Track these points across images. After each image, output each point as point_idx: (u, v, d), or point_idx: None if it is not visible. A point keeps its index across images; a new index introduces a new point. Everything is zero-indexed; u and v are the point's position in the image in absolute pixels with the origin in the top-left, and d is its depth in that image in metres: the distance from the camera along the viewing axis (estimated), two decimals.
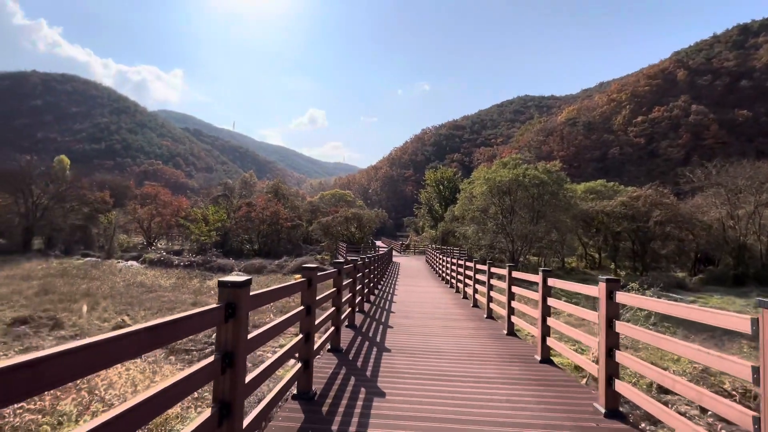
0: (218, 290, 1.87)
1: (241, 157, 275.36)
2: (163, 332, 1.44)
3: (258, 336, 2.22)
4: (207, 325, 2.72)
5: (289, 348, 2.94)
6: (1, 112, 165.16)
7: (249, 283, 1.96)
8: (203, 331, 10.29)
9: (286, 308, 16.35)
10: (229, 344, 1.83)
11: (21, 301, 17.22)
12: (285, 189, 51.07)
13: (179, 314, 1.98)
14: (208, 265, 27.74)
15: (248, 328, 1.97)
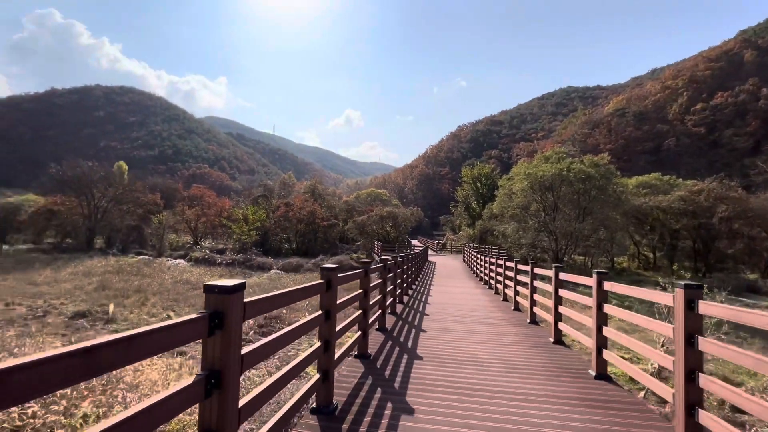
0: (204, 296, 1.61)
1: (280, 159, 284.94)
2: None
3: (258, 349, 1.94)
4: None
5: (305, 358, 2.65)
6: (70, 123, 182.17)
7: (242, 288, 1.66)
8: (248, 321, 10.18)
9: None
10: (216, 361, 1.55)
11: (81, 296, 18.57)
12: (321, 189, 51.91)
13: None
14: (248, 264, 28.64)
15: (241, 341, 1.67)
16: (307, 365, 2.59)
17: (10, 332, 12.98)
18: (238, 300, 1.60)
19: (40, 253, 31.80)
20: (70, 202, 35.98)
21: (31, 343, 8.66)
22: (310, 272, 27.26)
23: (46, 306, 16.59)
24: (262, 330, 13.77)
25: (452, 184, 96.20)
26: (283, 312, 14.98)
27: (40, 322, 14.08)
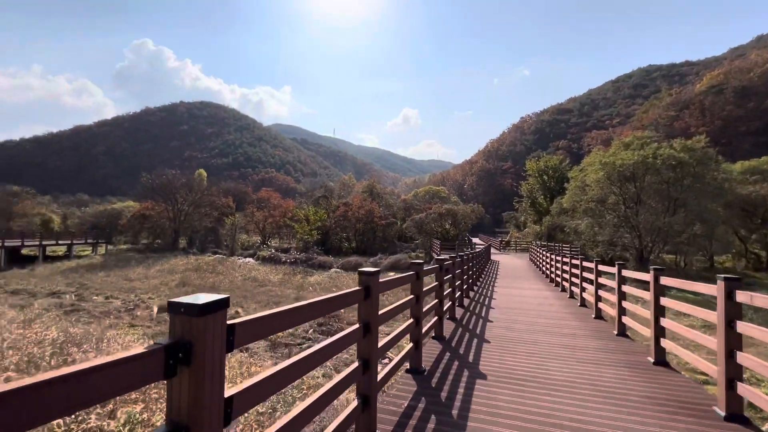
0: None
1: (341, 161, 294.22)
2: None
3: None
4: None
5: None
6: (161, 137, 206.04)
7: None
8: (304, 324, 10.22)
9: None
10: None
11: (165, 291, 20.40)
12: (379, 188, 52.15)
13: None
14: (309, 262, 29.53)
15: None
16: (341, 391, 2.11)
17: (106, 322, 14.55)
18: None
19: (136, 252, 35.96)
20: (159, 207, 40.18)
21: (114, 334, 9.41)
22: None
23: (137, 300, 18.45)
24: (321, 329, 13.85)
25: (515, 179, 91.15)
26: (341, 311, 14.98)
27: (131, 315, 15.61)
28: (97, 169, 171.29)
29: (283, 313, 1.56)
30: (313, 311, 1.82)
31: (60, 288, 20.73)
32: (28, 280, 23.21)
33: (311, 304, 1.77)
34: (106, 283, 22.58)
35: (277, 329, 1.64)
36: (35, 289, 20.41)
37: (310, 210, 38.28)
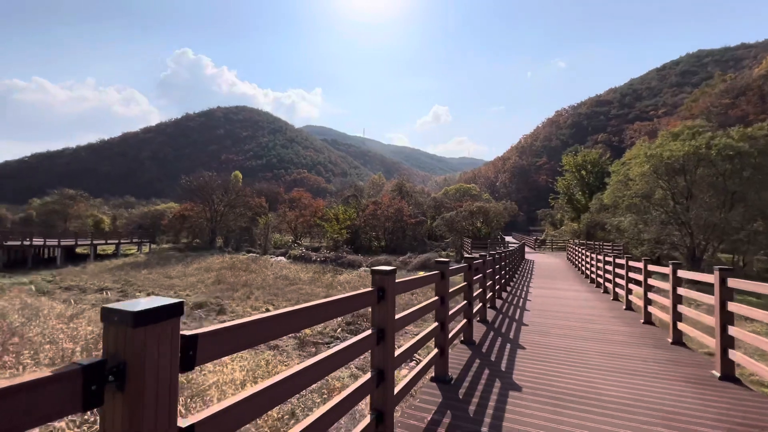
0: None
1: (370, 160, 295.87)
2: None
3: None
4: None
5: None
6: (199, 141, 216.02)
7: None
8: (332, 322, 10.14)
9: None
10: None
11: (202, 289, 21.11)
12: (409, 187, 51.73)
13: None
14: (339, 261, 29.67)
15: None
16: (350, 406, 1.83)
17: None
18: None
19: (176, 251, 37.70)
20: (197, 208, 41.92)
21: None
22: (398, 269, 27.07)
23: (175, 296, 19.22)
24: (350, 327, 13.72)
25: (550, 175, 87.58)
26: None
27: None
28: (143, 173, 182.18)
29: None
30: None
31: (107, 284, 22.00)
32: (80, 276, 24.82)
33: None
34: (148, 280, 23.73)
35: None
36: (86, 285, 21.76)
37: (340, 209, 38.53)
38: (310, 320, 1.61)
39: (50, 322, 7.14)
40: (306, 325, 1.57)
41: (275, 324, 1.37)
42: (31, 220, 53.32)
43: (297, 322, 1.50)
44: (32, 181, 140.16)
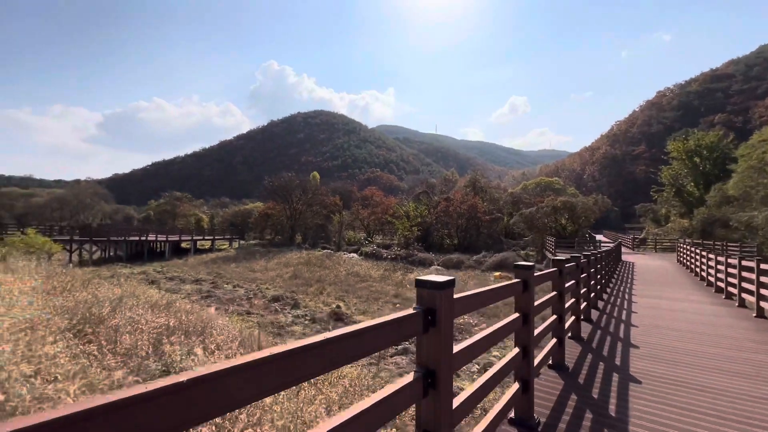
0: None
1: (443, 157, 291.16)
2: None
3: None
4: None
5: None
6: (282, 146, 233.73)
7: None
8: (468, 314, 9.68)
9: (486, 313, 14.62)
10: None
11: (280, 283, 22.27)
12: (483, 182, 49.25)
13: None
14: (410, 259, 29.18)
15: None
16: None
17: (230, 308, 16.33)
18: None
19: (261, 246, 40.82)
20: (279, 207, 44.98)
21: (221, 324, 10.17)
22: (471, 269, 25.64)
23: (256, 289, 20.48)
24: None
25: (651, 164, 76.71)
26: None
27: (249, 303, 17.29)
28: (236, 176, 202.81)
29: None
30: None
31: (202, 276, 24.42)
32: (182, 268, 28.02)
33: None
34: (235, 273, 25.83)
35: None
36: (185, 276, 24.41)
37: (411, 206, 38.04)
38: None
39: (138, 311, 7.65)
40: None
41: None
42: (150, 218, 62.41)
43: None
44: (151, 186, 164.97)
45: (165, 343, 4.80)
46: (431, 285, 1.42)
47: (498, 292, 2.05)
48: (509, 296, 2.30)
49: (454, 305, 1.53)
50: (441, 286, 1.41)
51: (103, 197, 75.77)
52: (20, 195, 67.33)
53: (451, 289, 1.46)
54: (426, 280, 1.44)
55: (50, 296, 7.62)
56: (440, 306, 1.40)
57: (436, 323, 1.41)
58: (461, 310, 1.65)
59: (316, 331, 12.88)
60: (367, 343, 1.14)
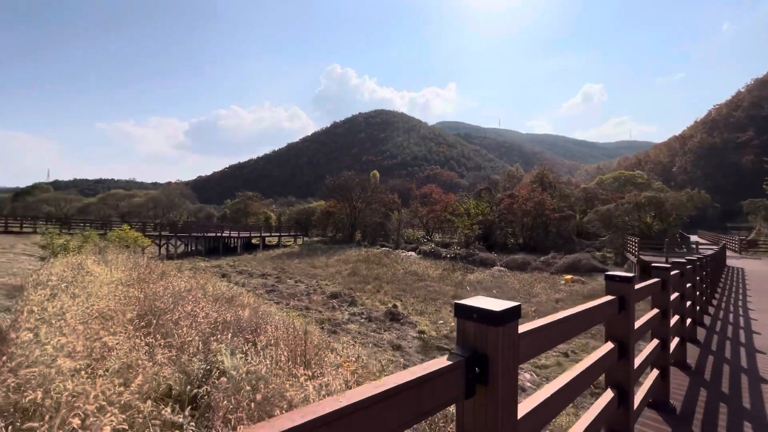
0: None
1: (507, 152, 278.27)
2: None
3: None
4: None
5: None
6: (344, 146, 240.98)
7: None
8: None
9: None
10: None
11: (338, 279, 22.61)
12: (552, 177, 45.67)
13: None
14: (471, 259, 27.93)
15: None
16: None
17: (291, 303, 16.84)
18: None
19: (322, 243, 42.19)
20: (339, 205, 46.13)
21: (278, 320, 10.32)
22: (538, 271, 23.76)
23: (316, 285, 20.99)
24: None
25: (762, 153, 65.20)
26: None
27: (308, 298, 17.70)
28: (301, 176, 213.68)
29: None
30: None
31: (268, 270, 25.73)
32: (251, 263, 29.87)
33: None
34: (298, 269, 26.84)
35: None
36: (253, 270, 25.92)
37: (471, 203, 36.50)
38: None
39: (201, 304, 7.93)
40: None
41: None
42: (226, 216, 67.97)
43: None
44: (228, 186, 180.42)
45: (213, 340, 4.74)
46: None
47: (587, 316, 1.41)
48: (600, 321, 1.63)
49: (518, 348, 0.97)
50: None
51: (188, 197, 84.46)
52: (124, 196, 77.60)
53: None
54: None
55: (127, 287, 8.26)
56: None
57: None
58: (530, 352, 1.07)
59: (371, 331, 12.67)
60: None
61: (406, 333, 12.60)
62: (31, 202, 67.53)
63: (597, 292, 17.62)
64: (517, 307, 0.95)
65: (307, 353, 5.85)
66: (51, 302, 5.08)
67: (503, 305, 0.94)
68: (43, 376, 2.85)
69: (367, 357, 8.83)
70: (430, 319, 14.13)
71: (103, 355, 3.88)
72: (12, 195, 79.05)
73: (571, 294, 17.62)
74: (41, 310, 4.37)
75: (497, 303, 0.95)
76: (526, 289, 18.96)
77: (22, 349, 3.22)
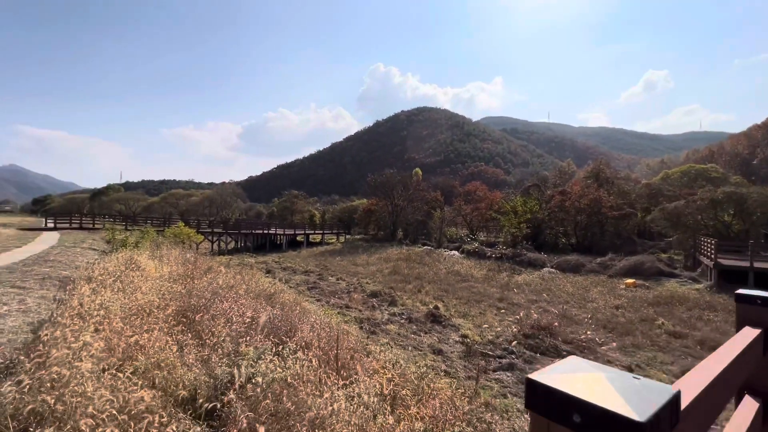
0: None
1: (557, 147, 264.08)
2: None
3: None
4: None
5: None
6: (387, 144, 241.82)
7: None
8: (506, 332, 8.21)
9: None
10: None
11: (379, 278, 22.35)
12: (609, 173, 42.28)
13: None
14: (518, 259, 26.48)
15: None
16: None
17: (331, 301, 16.81)
18: None
19: (364, 241, 42.36)
20: (381, 203, 46.09)
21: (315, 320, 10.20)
22: (594, 274, 21.93)
23: (356, 283, 20.88)
24: (528, 342, 11.34)
25: None
26: (555, 325, 11.93)
27: (349, 296, 17.60)
28: (345, 175, 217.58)
29: None
30: None
31: (310, 267, 26.14)
32: (295, 260, 30.59)
33: None
34: (340, 266, 27.01)
35: None
36: (296, 267, 26.46)
37: (518, 201, 34.71)
38: None
39: (242, 301, 7.93)
40: None
41: None
42: (273, 214, 70.74)
43: None
44: (276, 186, 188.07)
45: (242, 342, 4.56)
46: None
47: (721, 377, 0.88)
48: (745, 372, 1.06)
49: None
50: None
51: (239, 196, 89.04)
52: (183, 195, 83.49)
53: None
54: None
55: (172, 283, 8.50)
56: None
57: None
58: None
59: (411, 332, 12.22)
60: None
61: (448, 336, 11.99)
62: (105, 201, 74.84)
63: (664, 298, 15.84)
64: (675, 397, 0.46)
65: (340, 357, 5.56)
66: (94, 297, 5.18)
67: None
68: (59, 378, 2.73)
69: (405, 361, 8.41)
70: (473, 323, 13.39)
71: (131, 355, 3.79)
72: (90, 195, 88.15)
73: (633, 300, 15.98)
74: (79, 305, 4.42)
75: None
76: (580, 293, 17.50)
77: (48, 347, 3.17)
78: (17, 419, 2.45)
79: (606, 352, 10.48)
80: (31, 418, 2.54)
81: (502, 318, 13.89)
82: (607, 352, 10.49)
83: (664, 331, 11.92)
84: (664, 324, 12.46)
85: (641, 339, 11.29)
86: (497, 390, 7.87)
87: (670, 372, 9.00)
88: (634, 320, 13.14)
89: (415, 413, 4.91)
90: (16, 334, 4.52)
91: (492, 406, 6.73)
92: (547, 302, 16.21)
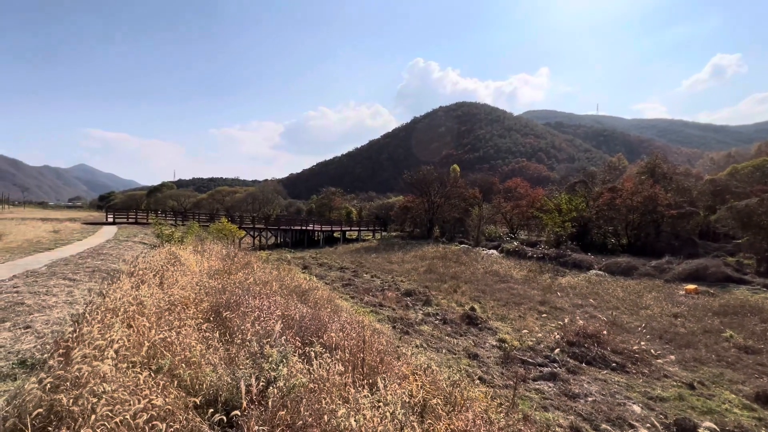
0: None
1: (606, 141, 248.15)
2: None
3: None
4: None
5: None
6: (424, 141, 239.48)
7: None
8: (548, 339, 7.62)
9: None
10: None
11: (414, 276, 22.03)
12: (666, 168, 38.88)
13: None
14: (561, 260, 25.04)
15: None
16: None
17: (364, 299, 16.74)
18: None
19: (399, 238, 42.10)
20: (417, 200, 45.58)
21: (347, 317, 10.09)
22: (648, 278, 20.20)
23: (391, 281, 20.68)
24: (572, 350, 10.60)
25: None
26: (603, 332, 11.03)
27: (382, 294, 17.43)
28: (382, 172, 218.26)
29: None
30: None
31: (346, 264, 26.30)
32: (331, 256, 30.97)
33: None
34: (375, 263, 26.96)
35: None
36: (332, 263, 26.75)
37: (563, 198, 32.86)
38: None
39: (275, 298, 7.98)
40: None
41: None
42: (312, 210, 72.36)
43: None
44: (315, 183, 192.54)
45: (266, 343, 4.47)
46: None
47: None
48: None
49: None
50: None
51: (280, 193, 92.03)
52: (228, 192, 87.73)
53: None
54: None
55: (210, 278, 8.73)
56: None
57: None
58: None
59: (446, 334, 11.82)
60: None
61: (485, 340, 11.48)
62: (160, 198, 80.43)
63: (732, 307, 14.21)
64: None
65: (368, 361, 5.36)
66: (132, 291, 5.32)
67: None
68: (80, 377, 2.71)
69: (438, 365, 8.06)
70: (512, 327, 12.75)
71: (159, 353, 3.79)
72: (147, 192, 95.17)
73: (695, 308, 14.50)
74: (114, 300, 4.53)
75: None
76: (632, 299, 16.19)
77: (76, 343, 3.20)
78: (37, 418, 2.44)
79: (663, 365, 9.51)
80: (51, 416, 2.53)
81: (544, 323, 13.11)
82: (664, 366, 9.51)
83: (733, 344, 10.66)
84: (732, 336, 11.15)
85: (705, 353, 10.17)
86: (537, 402, 7.34)
87: (741, 392, 7.96)
88: (696, 331, 11.87)
89: (446, 426, 4.60)
90: (60, 326, 4.70)
91: (531, 420, 6.24)
92: (594, 307, 15.12)
